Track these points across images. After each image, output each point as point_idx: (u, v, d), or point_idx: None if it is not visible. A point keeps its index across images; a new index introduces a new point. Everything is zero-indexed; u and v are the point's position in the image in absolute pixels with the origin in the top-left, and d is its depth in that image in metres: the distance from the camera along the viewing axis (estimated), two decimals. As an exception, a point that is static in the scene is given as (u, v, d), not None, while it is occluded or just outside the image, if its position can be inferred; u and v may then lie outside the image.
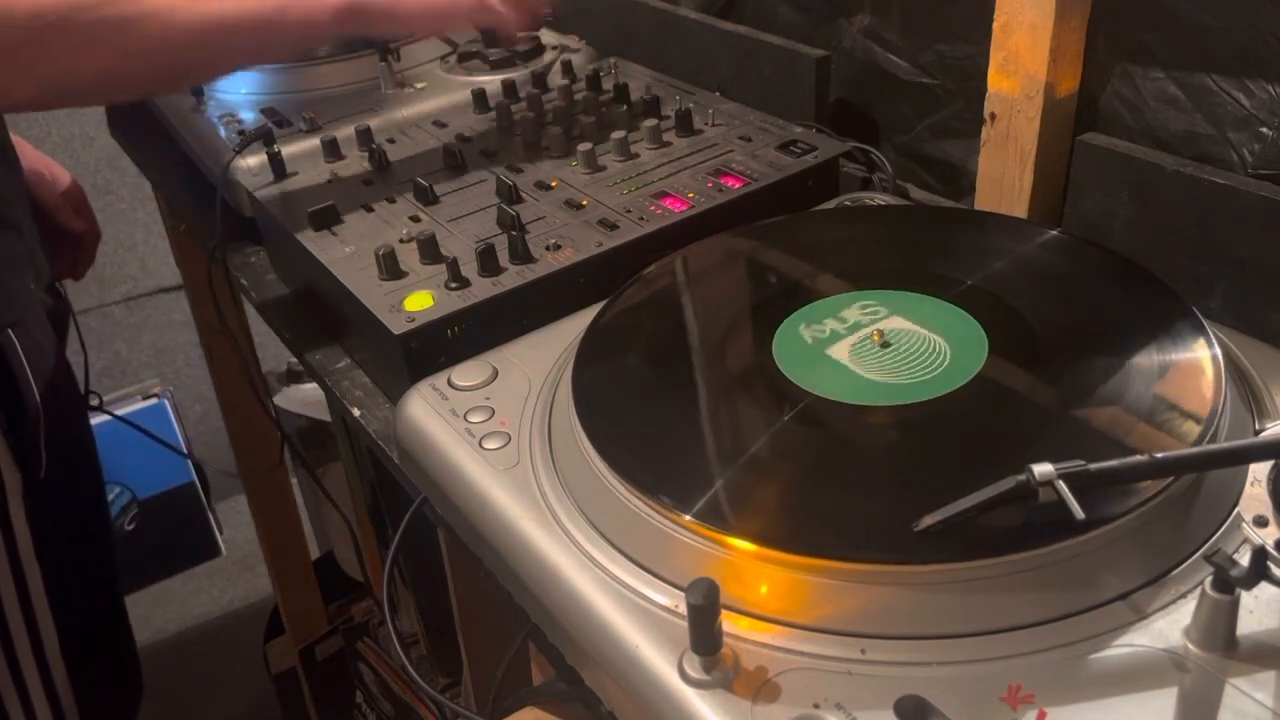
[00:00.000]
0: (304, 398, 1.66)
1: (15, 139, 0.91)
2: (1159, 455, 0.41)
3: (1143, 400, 0.49)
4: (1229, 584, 0.38)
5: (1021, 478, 0.41)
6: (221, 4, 0.71)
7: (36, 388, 0.83)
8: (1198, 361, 0.51)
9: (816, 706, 0.39)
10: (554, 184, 0.77)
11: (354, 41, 0.95)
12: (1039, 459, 0.42)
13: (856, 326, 0.57)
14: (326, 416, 1.56)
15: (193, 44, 0.70)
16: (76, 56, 0.67)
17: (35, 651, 0.84)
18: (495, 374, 0.60)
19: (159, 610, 2.12)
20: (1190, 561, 0.42)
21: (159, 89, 0.76)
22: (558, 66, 0.98)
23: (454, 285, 0.66)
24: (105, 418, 1.21)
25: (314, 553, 1.73)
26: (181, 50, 0.70)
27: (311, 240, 0.73)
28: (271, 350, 1.70)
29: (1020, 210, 0.75)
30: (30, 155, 1.03)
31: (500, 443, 0.55)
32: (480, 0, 0.80)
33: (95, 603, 0.96)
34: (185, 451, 2.11)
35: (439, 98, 0.93)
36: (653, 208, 0.72)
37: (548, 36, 1.03)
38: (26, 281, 0.84)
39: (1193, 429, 0.47)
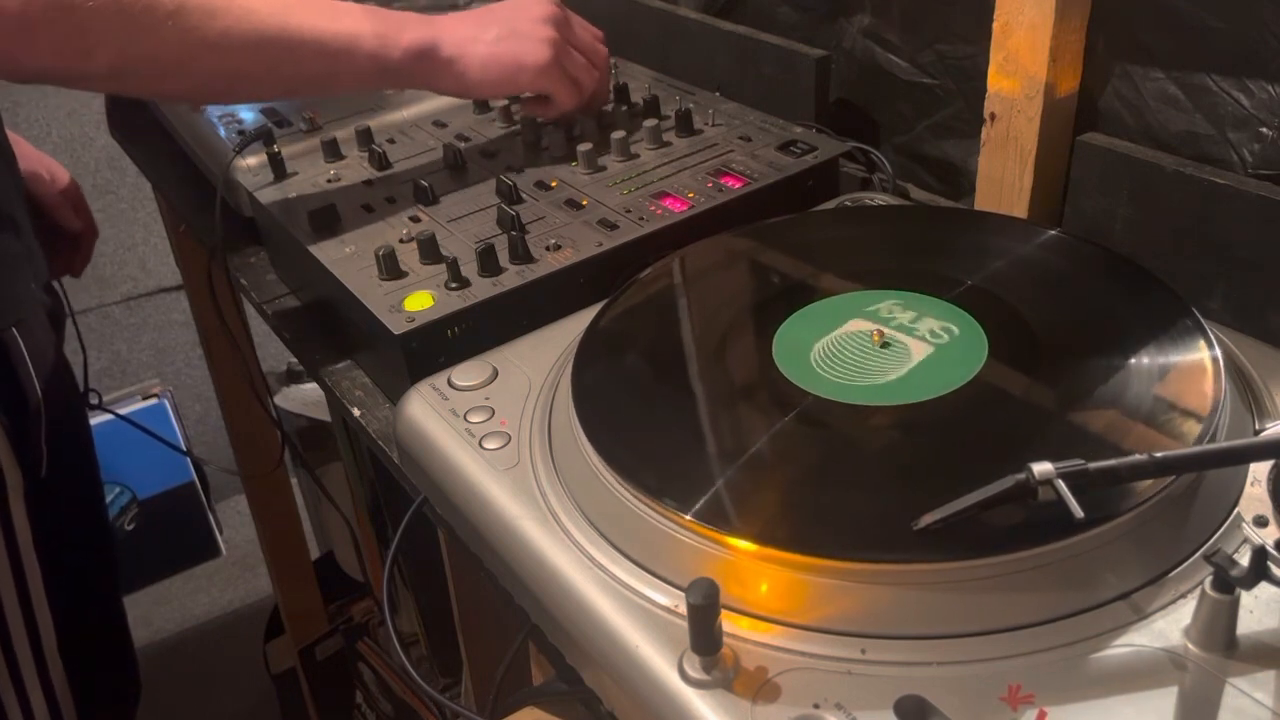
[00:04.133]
0: (304, 398, 1.66)
1: (14, 138, 0.91)
2: (1159, 454, 0.41)
3: (1142, 400, 0.49)
4: (1229, 584, 0.38)
5: (1021, 477, 0.41)
6: (300, 22, 0.71)
7: (38, 386, 0.83)
8: (1197, 361, 0.51)
9: (816, 706, 0.39)
10: (554, 184, 0.77)
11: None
12: (1038, 458, 0.41)
13: (868, 316, 0.57)
14: (326, 416, 1.56)
15: (265, 47, 0.70)
16: (150, 38, 0.66)
17: (33, 650, 0.84)
18: (495, 374, 0.60)
19: (159, 610, 2.12)
20: (1190, 561, 0.42)
21: (218, 89, 0.74)
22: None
23: (454, 285, 0.66)
24: (105, 417, 1.21)
25: (314, 553, 1.73)
26: (252, 52, 0.70)
27: (311, 240, 0.73)
28: (271, 350, 1.70)
29: (1020, 210, 0.75)
30: (29, 155, 1.03)
31: (500, 443, 0.55)
32: (549, 65, 0.79)
33: (93, 602, 0.96)
34: (185, 451, 2.11)
35: (439, 98, 0.93)
36: (653, 208, 0.72)
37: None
38: (27, 280, 0.84)
39: (1192, 429, 0.47)
